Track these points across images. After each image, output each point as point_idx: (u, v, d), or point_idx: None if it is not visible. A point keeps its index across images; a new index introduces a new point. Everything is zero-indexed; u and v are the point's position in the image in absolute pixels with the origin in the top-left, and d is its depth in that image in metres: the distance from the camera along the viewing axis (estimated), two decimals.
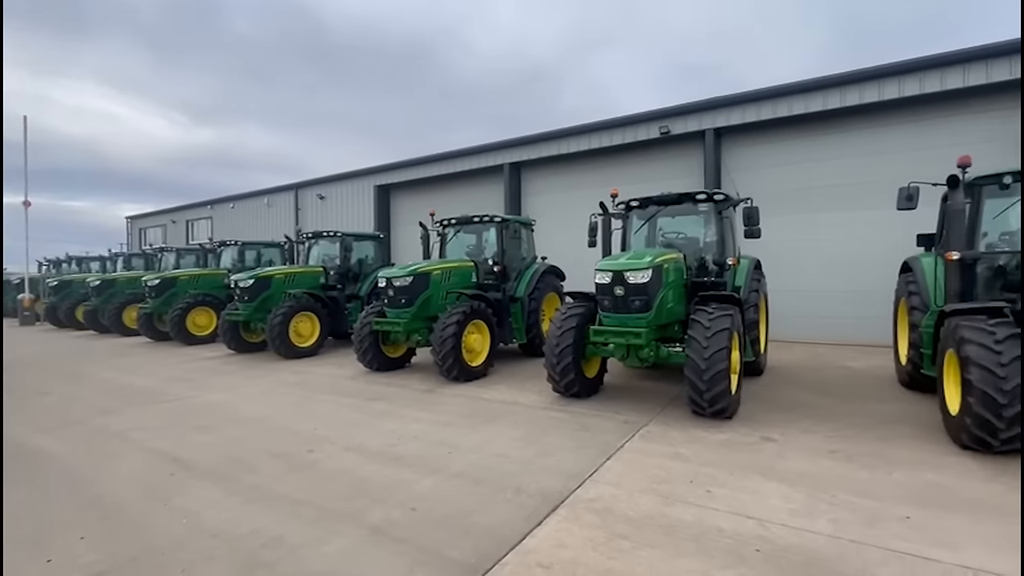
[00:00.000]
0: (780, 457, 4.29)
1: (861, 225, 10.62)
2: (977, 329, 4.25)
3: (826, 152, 11.27)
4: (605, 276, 5.71)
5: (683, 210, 7.47)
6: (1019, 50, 9.11)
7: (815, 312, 11.17)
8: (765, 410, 5.73)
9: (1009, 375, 3.93)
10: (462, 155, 16.71)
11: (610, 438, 4.84)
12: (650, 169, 13.29)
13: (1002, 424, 3.95)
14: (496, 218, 9.06)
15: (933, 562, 2.70)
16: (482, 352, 7.87)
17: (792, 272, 11.37)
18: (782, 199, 11.68)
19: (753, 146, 12.12)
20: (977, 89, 9.56)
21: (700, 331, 5.23)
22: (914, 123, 10.33)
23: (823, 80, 10.90)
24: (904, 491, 3.59)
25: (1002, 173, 5.31)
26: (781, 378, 7.49)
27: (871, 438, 4.72)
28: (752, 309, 7.08)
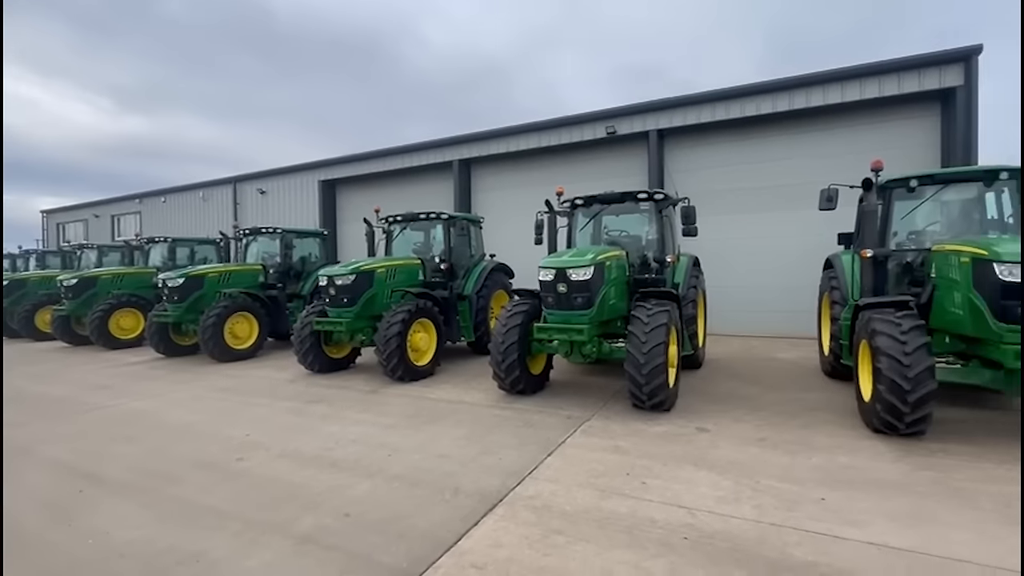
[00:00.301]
0: (712, 447, 4.46)
1: (792, 224, 11.24)
2: (886, 321, 4.58)
3: (761, 155, 11.87)
4: (548, 273, 5.75)
5: (626, 208, 7.65)
6: (921, 66, 9.93)
7: (750, 307, 11.75)
8: (702, 402, 5.95)
9: (913, 363, 4.26)
10: (411, 150, 16.41)
11: (553, 434, 4.88)
12: (597, 168, 13.54)
13: (907, 408, 4.28)
14: (443, 215, 8.94)
15: (843, 540, 2.88)
16: (428, 351, 7.76)
17: (729, 269, 11.90)
18: (720, 199, 12.19)
19: (694, 148, 12.58)
20: (892, 99, 10.33)
21: (639, 327, 5.36)
22: (839, 129, 11.04)
23: (758, 86, 11.46)
24: (821, 474, 3.82)
25: (909, 177, 5.75)
26: (718, 370, 7.82)
27: (795, 425, 5.00)
28: (690, 305, 7.35)
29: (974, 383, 4.58)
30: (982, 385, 4.54)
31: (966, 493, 3.46)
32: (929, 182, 5.74)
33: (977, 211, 5.98)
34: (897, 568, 2.61)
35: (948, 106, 9.90)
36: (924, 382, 4.22)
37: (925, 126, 10.30)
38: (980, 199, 5.93)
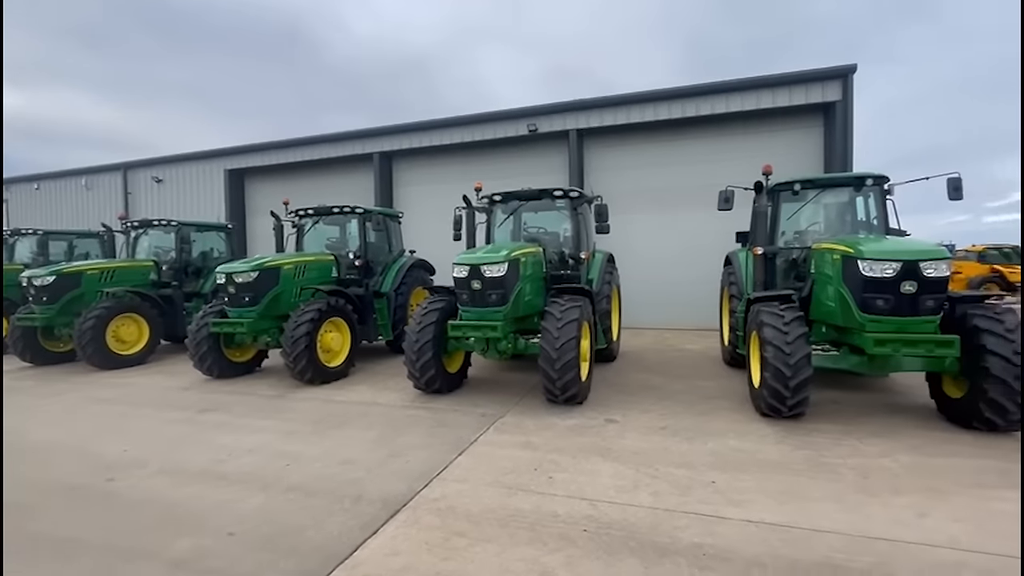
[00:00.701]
0: (619, 437, 4.62)
1: (700, 223, 11.95)
2: (771, 313, 4.97)
3: (671, 157, 12.52)
4: (462, 270, 5.67)
5: (544, 205, 7.73)
6: (807, 81, 10.95)
7: (662, 301, 12.38)
8: (613, 393, 6.16)
9: (793, 351, 4.66)
10: (329, 141, 15.60)
11: (465, 432, 4.82)
12: (519, 165, 13.63)
13: (788, 393, 4.67)
14: (358, 209, 8.57)
15: (726, 520, 3.07)
16: (341, 351, 7.41)
17: (643, 265, 12.46)
18: (635, 199, 12.72)
19: (612, 148, 13.02)
20: (784, 109, 11.29)
21: (552, 322, 5.43)
22: (739, 135, 11.89)
23: (671, 92, 12.06)
24: (714, 459, 4.07)
25: (793, 181, 6.28)
26: (631, 362, 8.16)
27: (695, 413, 5.31)
28: (605, 300, 7.59)
29: (844, 368, 5.09)
30: (850, 369, 5.06)
31: (832, 468, 3.82)
32: (810, 186, 6.32)
33: (849, 213, 6.67)
34: (771, 542, 2.82)
35: (829, 118, 10.99)
36: (802, 368, 4.62)
37: (811, 135, 11.37)
38: (852, 202, 6.62)
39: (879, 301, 4.49)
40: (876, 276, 4.48)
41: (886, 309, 4.47)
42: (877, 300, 4.50)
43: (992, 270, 20.08)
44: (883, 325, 4.51)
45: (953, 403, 4.75)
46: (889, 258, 4.43)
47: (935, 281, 4.33)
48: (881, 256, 4.49)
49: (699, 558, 2.69)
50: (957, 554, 2.66)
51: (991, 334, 4.34)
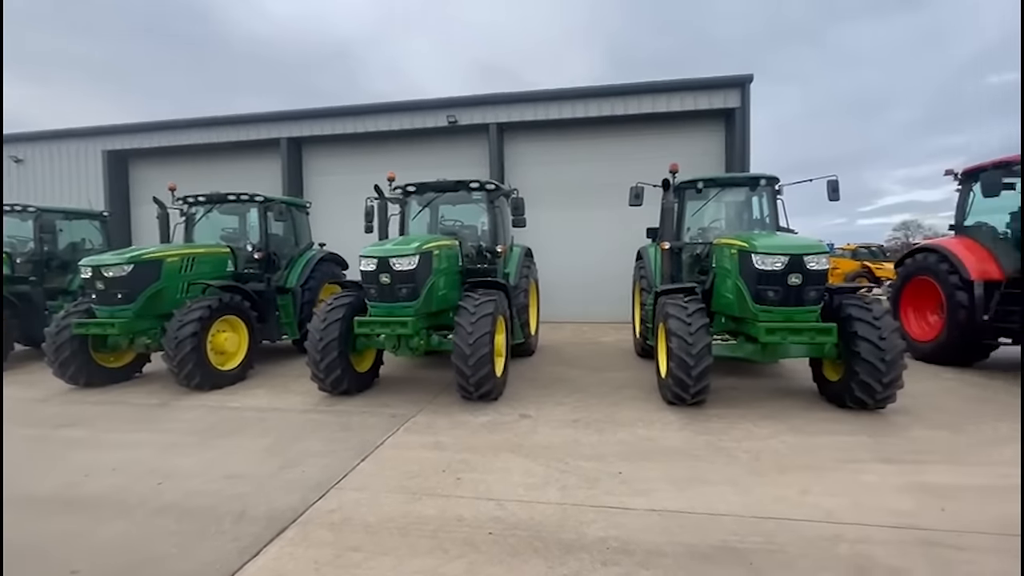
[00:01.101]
0: (532, 432, 4.56)
1: (616, 219, 12.32)
2: (675, 305, 5.16)
3: (590, 154, 12.79)
4: (370, 263, 5.34)
5: (461, 198, 7.55)
6: (711, 88, 11.67)
7: (581, 295, 12.67)
8: (529, 388, 6.13)
9: (696, 341, 4.85)
10: (231, 123, 14.26)
11: (372, 435, 4.53)
12: (439, 157, 13.29)
13: (691, 382, 4.87)
14: (257, 197, 7.85)
15: (631, 511, 3.08)
16: (237, 353, 6.74)
17: (563, 259, 12.67)
18: (555, 194, 12.88)
19: (532, 143, 13.07)
20: (692, 113, 11.94)
21: (466, 317, 5.27)
22: (651, 135, 12.40)
23: (589, 90, 12.32)
24: (623, 448, 4.12)
25: (697, 180, 6.59)
26: (548, 356, 8.21)
27: (606, 404, 5.39)
28: (522, 294, 7.55)
29: (740, 356, 5.41)
30: (745, 357, 5.39)
31: (729, 451, 4.01)
32: (712, 184, 6.67)
33: (746, 211, 7.12)
34: (672, 530, 2.86)
35: (730, 123, 11.77)
36: (704, 358, 4.83)
37: (714, 139, 12.13)
38: (748, 201, 7.07)
39: (770, 292, 4.80)
40: (767, 269, 4.78)
41: (776, 300, 4.78)
42: (768, 292, 4.80)
43: (863, 266, 22.87)
44: (773, 315, 4.82)
45: (831, 385, 5.21)
46: (778, 252, 4.74)
47: (817, 274, 4.70)
48: (772, 251, 4.80)
49: (603, 552, 2.66)
50: (834, 527, 2.85)
51: (862, 322, 4.79)
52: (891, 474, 3.56)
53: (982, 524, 2.86)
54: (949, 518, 2.93)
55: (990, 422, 4.69)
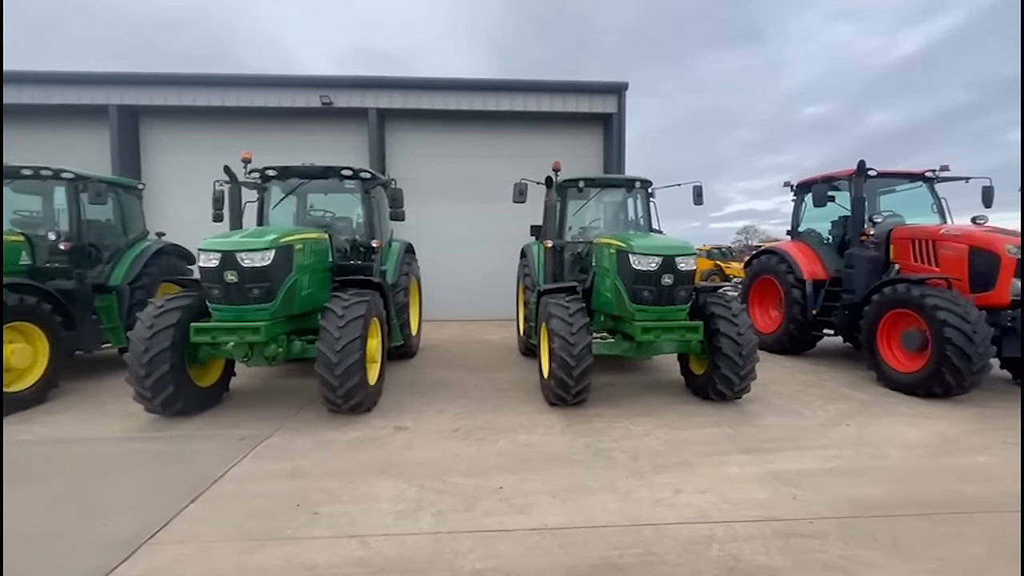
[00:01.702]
0: (407, 447, 4.15)
1: (503, 216, 12.21)
2: (557, 304, 5.08)
3: (477, 149, 12.54)
4: (211, 258, 4.48)
5: (333, 187, 6.81)
6: (592, 91, 12.10)
7: (467, 292, 12.42)
8: (407, 395, 5.68)
9: (577, 341, 4.81)
10: (43, 81, 11.49)
11: (210, 466, 3.77)
12: (312, 141, 12.09)
13: (573, 382, 4.82)
14: (65, 173, 6.32)
15: (510, 533, 2.85)
16: (32, 369, 5.35)
17: (448, 256, 12.30)
18: (440, 188, 12.46)
19: (416, 133, 12.46)
20: (575, 115, 12.25)
21: (333, 321, 4.67)
22: (536, 134, 12.51)
23: (476, 82, 12.03)
24: (504, 459, 3.90)
25: (578, 179, 6.64)
26: (431, 358, 7.80)
27: (489, 409, 5.16)
28: (402, 293, 7.05)
29: (618, 353, 5.52)
30: (622, 355, 5.51)
31: (608, 453, 3.99)
32: (591, 184, 6.75)
33: (623, 212, 7.38)
34: (552, 551, 2.67)
35: (608, 128, 12.31)
36: (585, 357, 4.81)
37: (593, 141, 12.61)
38: (625, 203, 7.33)
39: (645, 292, 4.92)
40: (643, 269, 4.89)
41: (650, 299, 4.92)
42: (644, 291, 4.92)
43: (715, 264, 25.87)
44: (648, 314, 4.96)
45: (696, 379, 5.53)
46: (653, 253, 4.88)
47: (686, 274, 4.92)
48: (647, 251, 4.92)
49: None
50: (706, 528, 2.89)
51: (723, 319, 5.12)
52: (750, 464, 3.79)
53: (827, 509, 3.10)
54: (801, 506, 3.14)
55: (822, 404, 5.31)
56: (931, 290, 5.50)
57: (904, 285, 5.81)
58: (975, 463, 3.83)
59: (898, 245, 6.73)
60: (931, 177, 7.18)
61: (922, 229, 6.53)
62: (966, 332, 5.10)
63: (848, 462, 3.83)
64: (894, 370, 5.86)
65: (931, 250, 6.27)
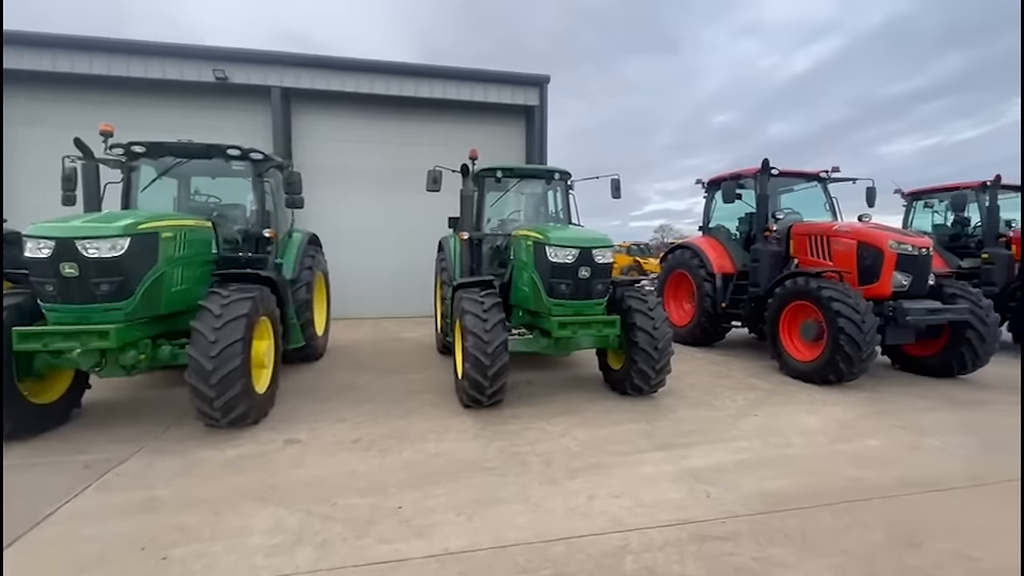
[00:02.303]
0: (297, 465, 3.63)
1: (422, 207, 11.66)
2: (471, 300, 4.75)
3: (393, 137, 11.87)
4: (42, 247, 3.65)
5: (222, 169, 5.99)
6: (515, 83, 11.89)
7: (384, 288, 11.76)
8: (305, 402, 5.09)
9: (492, 339, 4.51)
10: None
11: (37, 504, 3.02)
12: (209, 121, 10.80)
13: (488, 383, 4.51)
14: None
15: (407, 563, 2.47)
16: None
17: (364, 249, 11.59)
18: (355, 177, 11.68)
19: (326, 117, 11.57)
20: (497, 105, 11.95)
21: (207, 322, 4.00)
22: (456, 123, 12.06)
23: (392, 65, 11.34)
24: (408, 472, 3.50)
25: (495, 168, 6.34)
26: (339, 359, 7.17)
27: (397, 414, 4.73)
28: (304, 288, 6.38)
29: (535, 350, 5.30)
30: (540, 351, 5.30)
31: (522, 458, 3.73)
32: (510, 175, 6.49)
33: (543, 204, 7.19)
34: None
35: (530, 121, 12.15)
36: (500, 356, 4.52)
37: (515, 134, 12.40)
38: (544, 195, 7.14)
39: (562, 286, 4.72)
40: (560, 262, 4.68)
41: (567, 293, 4.73)
42: (561, 285, 4.72)
43: (634, 260, 26.89)
44: (565, 308, 4.77)
45: (614, 373, 5.45)
46: (570, 245, 4.69)
47: (603, 267, 4.78)
48: (564, 243, 4.72)
49: None
50: (620, 537, 2.69)
51: (639, 312, 5.05)
52: (664, 462, 3.69)
53: (739, 506, 3.03)
54: (714, 505, 3.05)
55: (731, 395, 5.43)
56: (826, 283, 5.81)
57: (803, 278, 6.10)
58: (867, 447, 4.00)
59: (797, 240, 7.11)
60: (824, 177, 7.66)
61: (817, 225, 6.94)
62: (856, 322, 5.42)
63: (757, 453, 3.85)
64: (794, 359, 6.16)
65: (825, 245, 6.67)
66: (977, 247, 8.43)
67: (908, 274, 5.89)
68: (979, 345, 5.86)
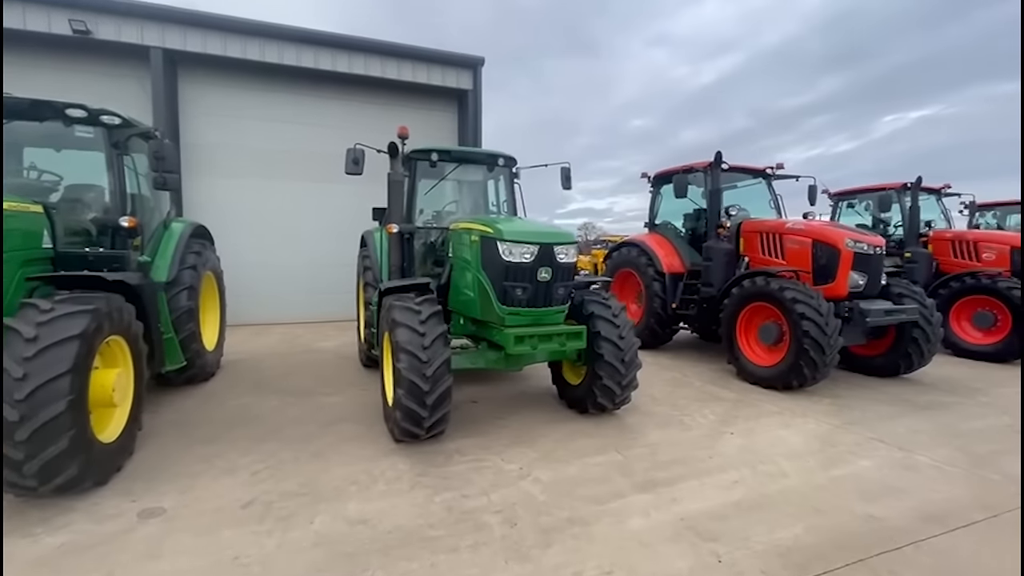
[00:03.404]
0: (150, 556, 2.51)
1: (343, 197, 10.35)
2: (405, 309, 3.81)
3: (306, 116, 10.41)
4: None
5: (62, 136, 4.52)
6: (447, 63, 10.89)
7: (299, 288, 10.32)
8: (181, 445, 3.87)
9: (432, 357, 3.60)
10: None
11: None
12: (66, 81, 8.77)
13: (427, 413, 3.60)
14: None
15: None
16: None
17: (274, 243, 10.09)
18: (261, 159, 10.11)
19: (225, 89, 9.88)
20: (427, 88, 10.86)
21: (15, 349, 2.74)
22: (380, 104, 10.83)
23: (305, 34, 9.87)
24: (320, 555, 2.52)
25: (431, 149, 5.39)
26: (237, 378, 5.86)
27: (309, 455, 3.68)
28: (185, 294, 5.05)
29: (482, 367, 4.44)
30: (487, 367, 4.46)
31: (476, 518, 2.87)
32: (447, 158, 5.54)
33: (483, 194, 6.32)
34: None
35: (463, 105, 11.21)
36: (442, 378, 3.63)
37: (448, 118, 11.41)
38: (486, 184, 6.27)
39: (518, 290, 3.90)
40: (515, 261, 3.86)
41: (524, 300, 3.92)
42: (516, 289, 3.89)
43: None
44: (521, 318, 3.96)
45: (573, 389, 4.73)
46: (527, 240, 3.87)
47: (567, 267, 4.03)
48: (520, 238, 3.90)
49: None
50: None
51: (603, 320, 4.37)
52: (653, 508, 3.00)
53: (758, 572, 2.39)
54: (728, 572, 2.38)
55: (698, 408, 4.92)
56: (788, 283, 5.48)
57: (763, 278, 5.76)
58: (863, 471, 3.57)
59: (747, 238, 6.82)
60: (770, 174, 7.48)
61: (770, 223, 6.68)
62: (820, 324, 5.12)
63: (752, 488, 3.27)
64: (754, 364, 5.81)
65: (778, 243, 6.41)
66: (898, 246, 8.73)
67: (864, 273, 5.72)
68: (924, 344, 5.83)
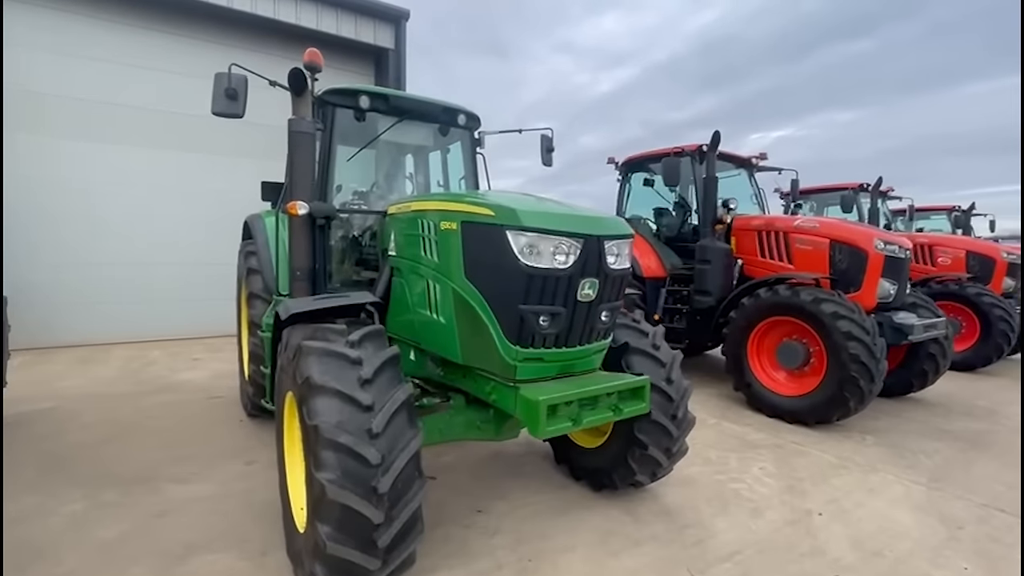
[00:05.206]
0: None
1: (222, 171, 7.85)
2: (330, 356, 2.00)
3: (186, 67, 7.72)
4: None
5: None
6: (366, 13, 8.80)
7: (157, 295, 7.65)
8: None
9: (389, 455, 1.85)
10: None
11: None
12: None
13: (378, 560, 1.84)
14: None
15: None
16: None
17: (122, 232, 7.38)
18: (105, 117, 7.32)
19: (62, 22, 6.97)
20: (343, 44, 8.66)
21: None
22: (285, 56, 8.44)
23: None
24: None
25: (358, 90, 3.52)
26: (21, 449, 3.50)
27: None
28: None
29: (457, 438, 2.73)
30: (466, 438, 2.76)
31: None
32: (383, 108, 3.68)
33: (427, 168, 4.53)
34: None
35: (381, 67, 9.17)
36: (407, 493, 1.90)
37: (362, 80, 9.27)
38: (438, 151, 4.49)
39: (543, 319, 2.21)
40: (541, 267, 2.15)
41: (552, 334, 2.25)
42: (540, 317, 2.20)
43: None
44: (546, 366, 2.30)
45: (588, 456, 3.17)
46: (565, 231, 2.18)
47: (619, 278, 2.41)
48: (551, 225, 2.18)
49: None
50: None
51: (639, 354, 2.89)
52: None
53: None
54: None
55: (743, 465, 3.63)
56: (825, 294, 4.41)
57: (786, 287, 4.67)
58: None
59: (741, 237, 5.78)
60: (754, 164, 6.56)
61: (774, 219, 5.68)
62: (868, 345, 4.10)
63: None
64: (774, 393, 4.70)
65: (783, 243, 5.40)
66: None
67: (894, 281, 4.86)
68: (941, 360, 5.15)
